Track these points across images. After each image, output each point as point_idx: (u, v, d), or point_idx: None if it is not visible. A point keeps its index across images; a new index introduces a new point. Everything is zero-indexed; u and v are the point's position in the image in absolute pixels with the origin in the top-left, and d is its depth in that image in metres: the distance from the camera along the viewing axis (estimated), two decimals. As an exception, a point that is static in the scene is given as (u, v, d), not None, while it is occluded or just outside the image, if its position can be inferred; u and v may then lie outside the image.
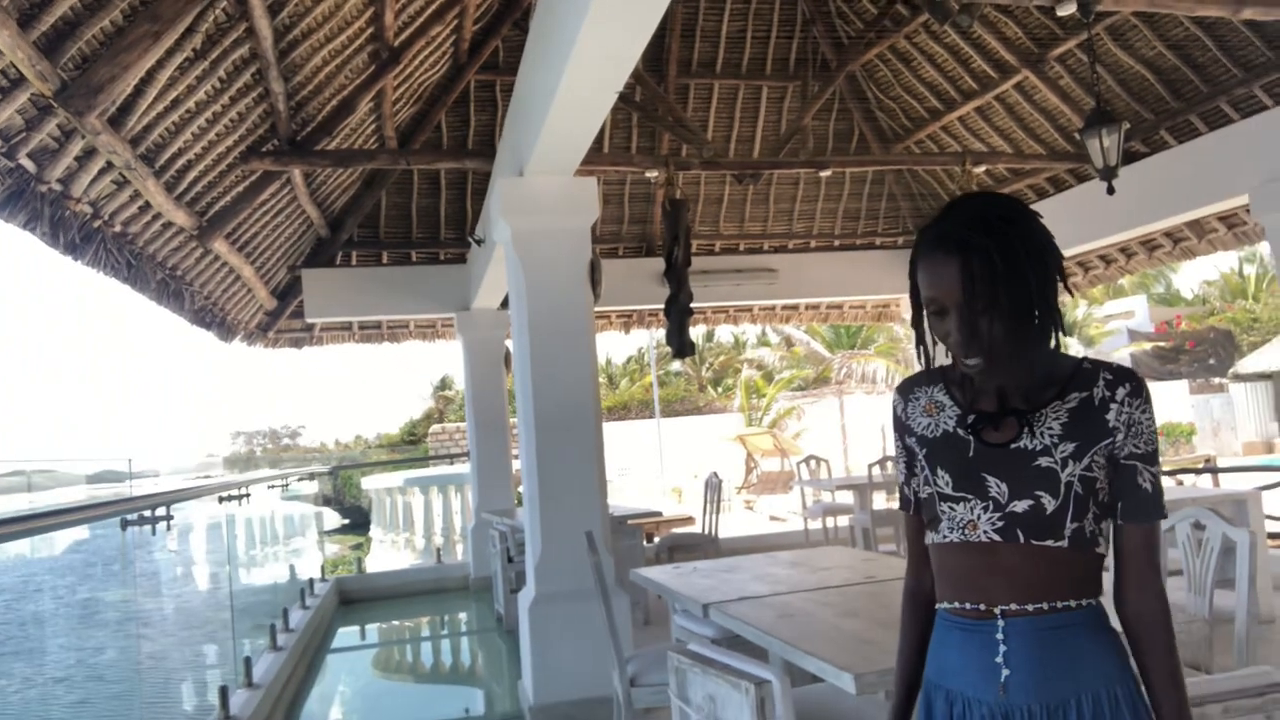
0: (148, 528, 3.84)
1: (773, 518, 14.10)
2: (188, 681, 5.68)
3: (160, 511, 3.86)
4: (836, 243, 9.69)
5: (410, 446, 25.09)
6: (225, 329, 8.19)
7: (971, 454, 1.50)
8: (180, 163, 5.16)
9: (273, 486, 8.20)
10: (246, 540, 7.49)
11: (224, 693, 4.44)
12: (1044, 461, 1.45)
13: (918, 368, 1.66)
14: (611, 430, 6.89)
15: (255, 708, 4.57)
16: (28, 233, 4.26)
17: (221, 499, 5.68)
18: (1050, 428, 1.47)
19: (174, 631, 6.00)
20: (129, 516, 3.77)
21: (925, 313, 1.50)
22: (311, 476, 12.19)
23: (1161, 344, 24.55)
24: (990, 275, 1.39)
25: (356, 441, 31.19)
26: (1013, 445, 1.47)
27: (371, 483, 14.41)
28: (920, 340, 1.56)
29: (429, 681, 6.70)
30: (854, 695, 2.24)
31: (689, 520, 9.99)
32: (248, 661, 5.10)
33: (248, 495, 6.22)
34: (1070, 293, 1.52)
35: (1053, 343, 1.47)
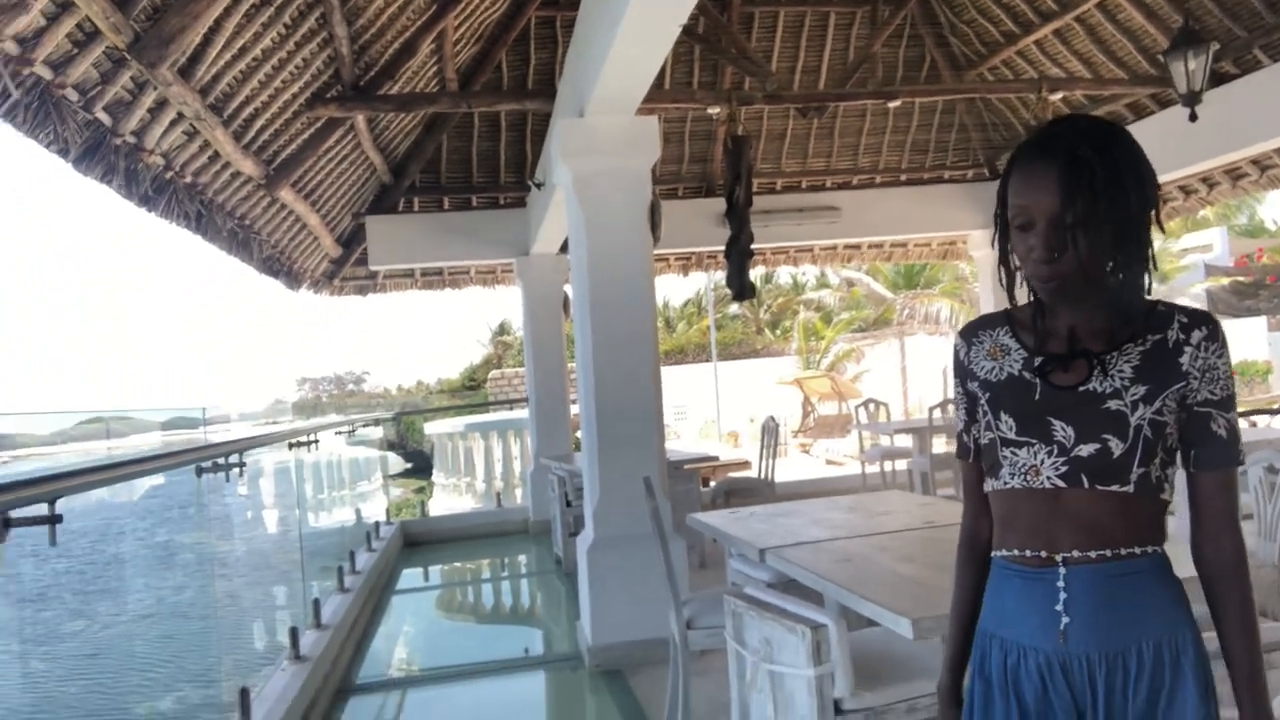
0: (221, 474, 3.90)
1: (829, 462, 14.00)
2: (259, 621, 5.83)
3: (233, 458, 3.92)
4: (903, 177, 9.36)
5: (470, 392, 25.44)
6: (292, 277, 8.28)
7: (1037, 397, 1.45)
8: (247, 111, 5.17)
9: (339, 432, 8.34)
10: (314, 485, 7.64)
11: (294, 633, 4.54)
12: (1113, 404, 1.39)
13: (983, 307, 1.57)
14: (668, 374, 6.85)
15: (324, 648, 4.67)
16: (104, 185, 4.32)
17: (291, 445, 5.77)
18: (1121, 370, 1.41)
19: (246, 573, 6.17)
20: (204, 464, 3.82)
21: (1010, 228, 1.43)
22: (376, 422, 12.41)
23: (1240, 279, 23.51)
24: (1092, 188, 1.33)
25: (419, 387, 31.70)
26: (1081, 388, 1.42)
27: (433, 428, 14.64)
28: (1004, 259, 1.49)
29: (490, 622, 6.82)
30: (910, 640, 2.21)
31: (745, 465, 9.94)
32: (316, 603, 5.21)
33: (316, 441, 6.32)
34: (1161, 227, 1.43)
35: (1142, 278, 1.40)
